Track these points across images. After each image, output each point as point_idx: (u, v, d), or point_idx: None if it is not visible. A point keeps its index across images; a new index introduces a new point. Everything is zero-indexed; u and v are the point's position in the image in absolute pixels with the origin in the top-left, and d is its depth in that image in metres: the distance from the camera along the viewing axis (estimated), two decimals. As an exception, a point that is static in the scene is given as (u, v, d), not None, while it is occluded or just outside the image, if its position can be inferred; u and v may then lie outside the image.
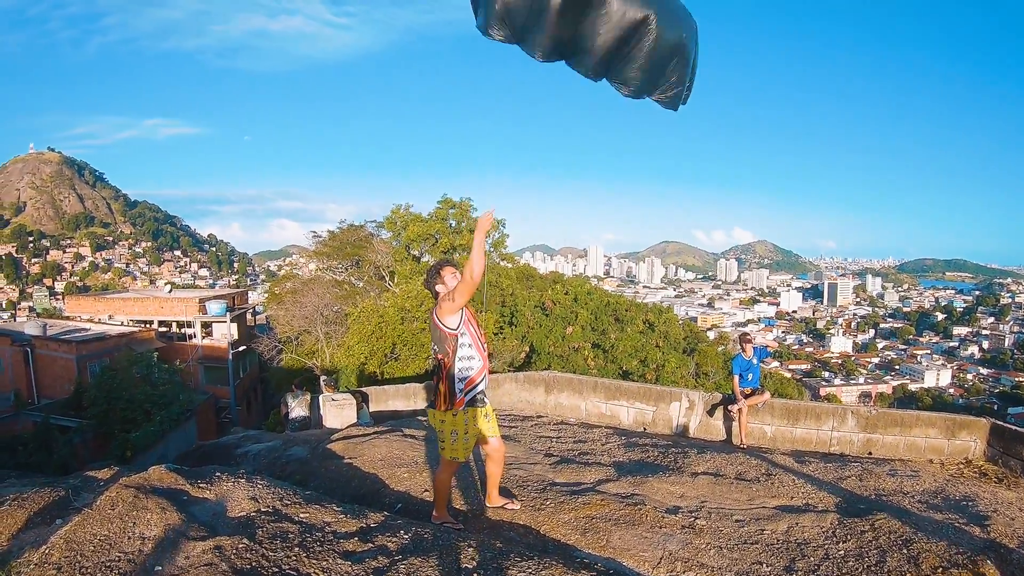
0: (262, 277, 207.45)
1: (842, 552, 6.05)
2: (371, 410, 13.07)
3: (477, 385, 5.85)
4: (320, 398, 13.38)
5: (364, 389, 13.85)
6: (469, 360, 5.83)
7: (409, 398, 13.40)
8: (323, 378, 18.11)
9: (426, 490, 6.78)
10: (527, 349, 28.83)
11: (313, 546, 4.41)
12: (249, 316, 54.09)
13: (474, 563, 4.42)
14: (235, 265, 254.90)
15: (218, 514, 4.88)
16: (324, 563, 4.20)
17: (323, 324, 32.94)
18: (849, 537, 6.36)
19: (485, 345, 6.01)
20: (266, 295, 55.84)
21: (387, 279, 35.15)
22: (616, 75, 4.41)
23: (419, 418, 11.81)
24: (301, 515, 4.95)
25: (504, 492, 6.68)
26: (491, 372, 6.19)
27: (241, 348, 45.00)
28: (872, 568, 5.73)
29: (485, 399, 5.98)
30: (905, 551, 5.99)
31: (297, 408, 14.10)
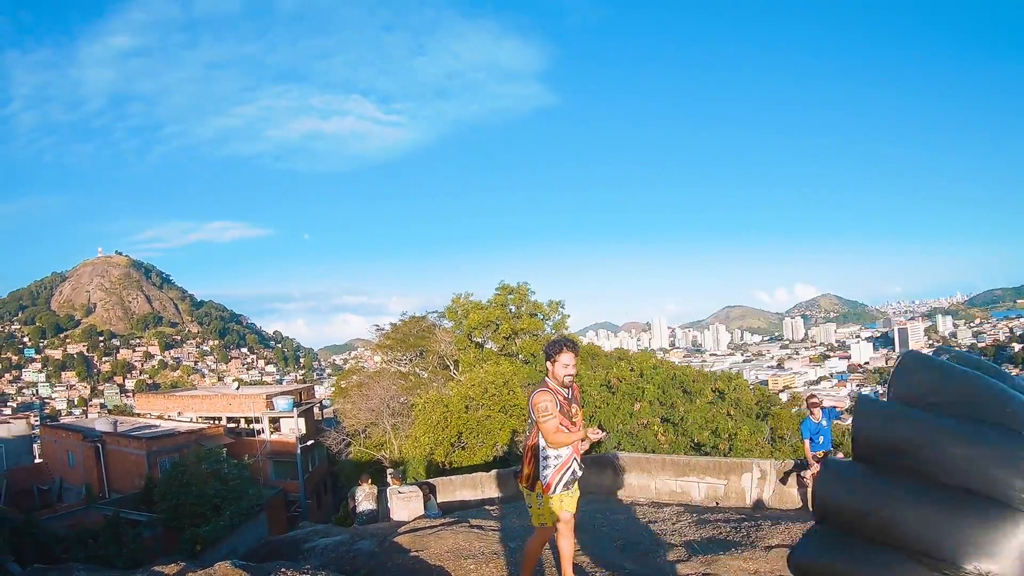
0: (328, 371, 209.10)
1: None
2: (439, 501, 13.02)
3: (564, 473, 5.91)
4: (387, 491, 13.36)
5: (431, 480, 13.83)
6: (558, 448, 5.89)
7: (477, 487, 13.33)
8: (390, 470, 18.10)
9: (493, 581, 6.71)
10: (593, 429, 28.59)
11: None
12: (316, 410, 54.33)
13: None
14: (301, 360, 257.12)
15: (282, 611, 4.88)
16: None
17: (390, 416, 32.99)
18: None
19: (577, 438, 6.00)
20: (332, 389, 56.15)
21: (451, 368, 35.25)
22: None
23: (487, 507, 11.71)
24: (366, 610, 4.93)
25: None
26: None
27: (309, 442, 45.08)
28: None
29: (570, 486, 6.01)
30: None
31: (365, 502, 14.09)
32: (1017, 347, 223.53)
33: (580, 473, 6.07)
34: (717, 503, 12.44)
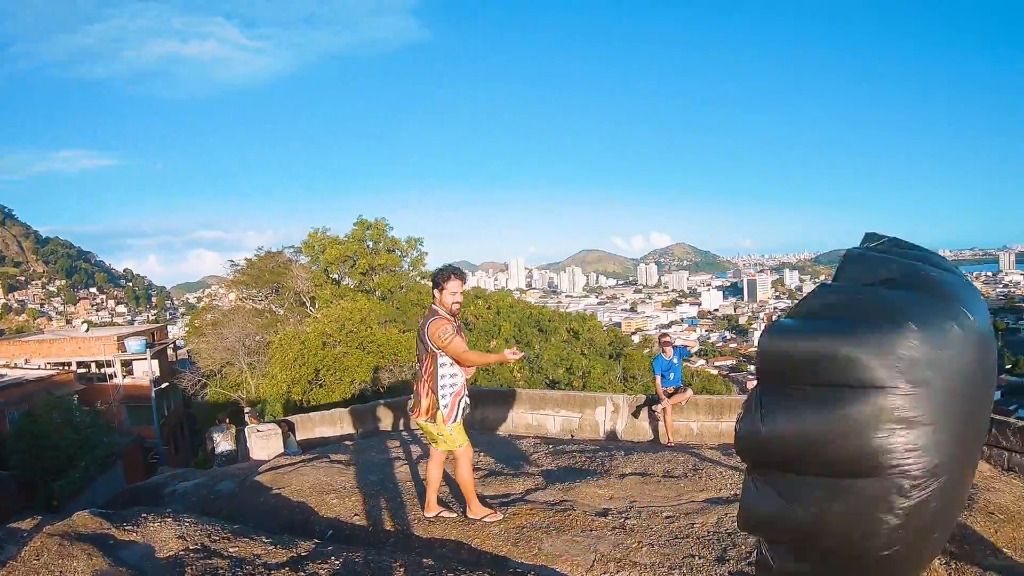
0: (181, 310, 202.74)
1: (773, 537, 6.23)
2: (298, 438, 12.99)
3: (462, 399, 6.13)
4: (246, 430, 13.23)
5: (289, 418, 13.76)
6: (453, 377, 6.06)
7: (336, 424, 13.34)
8: (247, 410, 17.91)
9: (356, 514, 6.78)
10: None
11: (244, 580, 4.41)
12: (170, 351, 52.43)
13: (408, 583, 4.48)
14: (153, 300, 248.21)
15: (146, 556, 4.85)
16: (256, 596, 4.20)
17: (246, 355, 32.46)
18: (777, 521, 6.54)
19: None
20: (187, 328, 54.77)
21: (308, 304, 34.87)
22: None
23: (346, 443, 11.75)
24: (230, 549, 4.94)
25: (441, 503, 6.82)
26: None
27: (164, 385, 43.41)
28: None
29: (462, 416, 6.21)
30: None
31: (223, 443, 13.96)
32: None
33: (468, 401, 6.31)
34: (572, 435, 12.81)
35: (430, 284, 6.54)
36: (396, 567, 4.69)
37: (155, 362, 44.42)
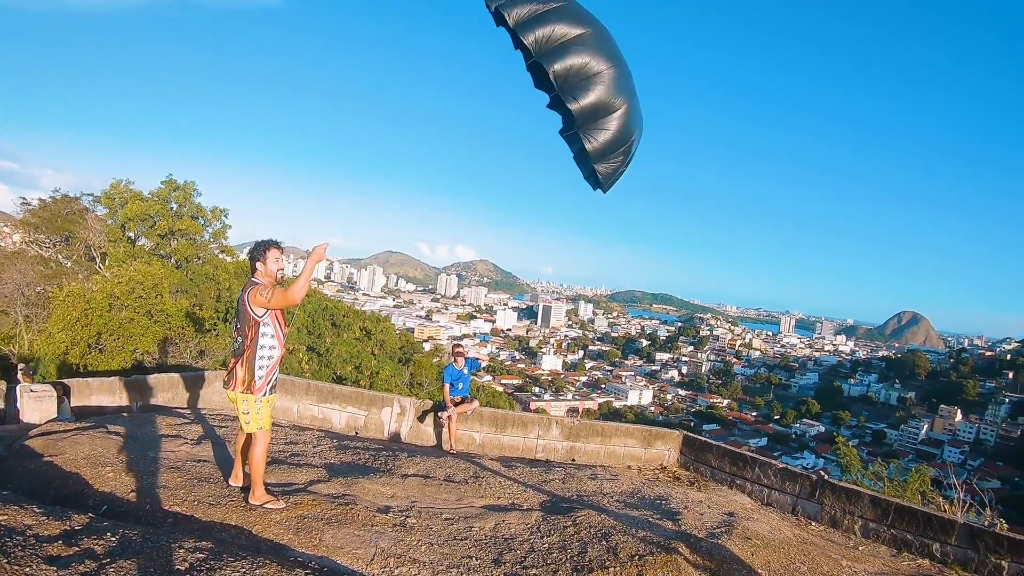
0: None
1: (546, 545, 6.61)
2: (73, 404, 12.41)
3: (275, 373, 6.22)
4: (17, 388, 12.56)
5: (65, 381, 13.13)
6: (271, 349, 6.16)
7: (115, 393, 12.79)
8: (21, 366, 16.93)
9: (132, 491, 6.64)
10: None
11: (14, 551, 4.25)
12: None
13: (186, 564, 4.46)
14: None
15: (-101, 519, 4.62)
16: (27, 569, 4.07)
17: (23, 306, 30.51)
18: (553, 532, 6.95)
19: (285, 335, 6.31)
20: (-39, 267, 51.10)
21: (97, 260, 33.22)
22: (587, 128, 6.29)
23: (124, 415, 11.38)
24: (-1, 518, 4.77)
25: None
26: (201, 370, 6.38)
27: None
28: (574, 558, 6.33)
29: (273, 391, 6.32)
30: (605, 542, 6.69)
31: (-9, 400, 13.21)
32: (645, 342, 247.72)
33: (277, 379, 6.38)
34: (356, 432, 12.88)
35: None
36: (175, 548, 4.67)
37: (-82, 301, 41.07)
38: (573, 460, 13.15)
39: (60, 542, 4.49)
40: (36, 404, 11.52)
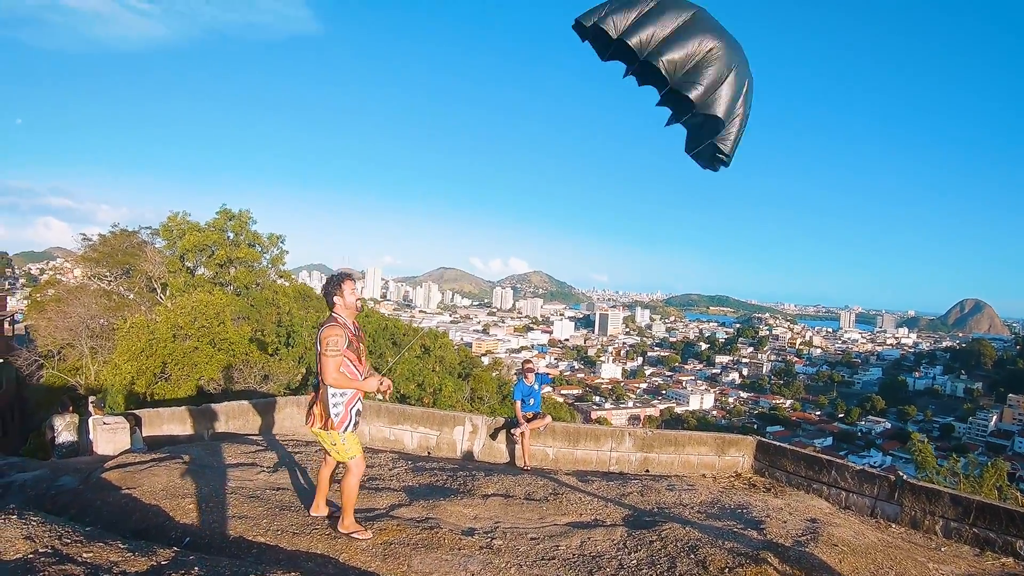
0: (22, 281, 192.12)
1: (635, 561, 6.40)
2: (145, 435, 12.42)
3: (354, 407, 6.06)
4: (90, 421, 12.58)
5: (137, 412, 13.14)
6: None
7: (186, 422, 12.80)
8: (92, 399, 17.05)
9: (215, 521, 6.51)
10: (304, 371, 28.30)
11: (101, 589, 4.13)
12: (7, 325, 49.38)
13: (277, 599, 4.31)
14: None
15: (-10, 557, 4.51)
16: (116, 608, 3.94)
17: (89, 338, 30.92)
18: (639, 547, 6.72)
19: (364, 370, 6.16)
20: (26, 302, 51.95)
21: (158, 291, 33.63)
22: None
23: (197, 444, 11.32)
24: (84, 555, 4.63)
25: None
26: (269, 395, 6.27)
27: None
28: (664, 574, 6.15)
29: (356, 426, 6.15)
30: (693, 556, 6.46)
31: (65, 432, 13.19)
32: (704, 346, 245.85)
33: (361, 409, 6.26)
34: (429, 452, 12.73)
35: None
36: (264, 582, 4.51)
37: (-9, 334, 41.85)
38: (647, 471, 12.88)
39: (147, 578, 4.35)
40: (110, 436, 11.52)
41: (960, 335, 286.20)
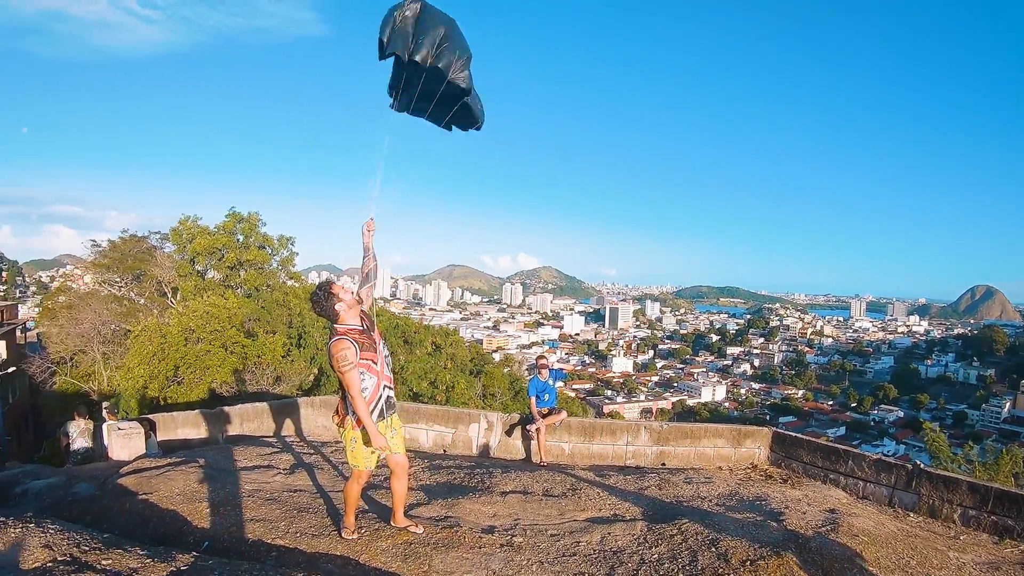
0: (33, 289, 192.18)
1: (656, 556, 6.35)
2: (159, 439, 12.41)
3: (379, 401, 5.96)
4: (104, 427, 12.57)
5: (151, 416, 13.13)
6: (365, 382, 5.87)
7: (200, 426, 12.80)
8: (106, 404, 17.04)
9: (233, 525, 6.48)
10: (316, 372, 28.31)
11: (122, 597, 4.08)
12: (19, 333, 49.12)
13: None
14: (3, 275, 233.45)
15: (8, 567, 4.44)
16: (137, 615, 3.88)
17: (101, 344, 31.01)
18: (660, 542, 6.67)
19: (381, 363, 6.03)
20: (38, 309, 52.07)
21: (169, 296, 33.69)
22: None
23: (212, 447, 11.31)
24: (103, 562, 4.59)
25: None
26: (284, 397, 6.19)
27: (10, 369, 40.46)
28: (686, 568, 6.06)
29: (386, 414, 6.07)
30: (714, 549, 6.38)
31: (80, 439, 13.17)
32: (715, 337, 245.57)
33: (393, 399, 6.16)
34: (444, 450, 12.69)
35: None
36: (285, 585, 4.46)
37: (2, 343, 41.69)
38: (663, 464, 12.81)
39: (168, 585, 4.31)
40: (124, 442, 11.51)
41: (972, 322, 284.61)
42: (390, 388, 6.09)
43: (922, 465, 10.63)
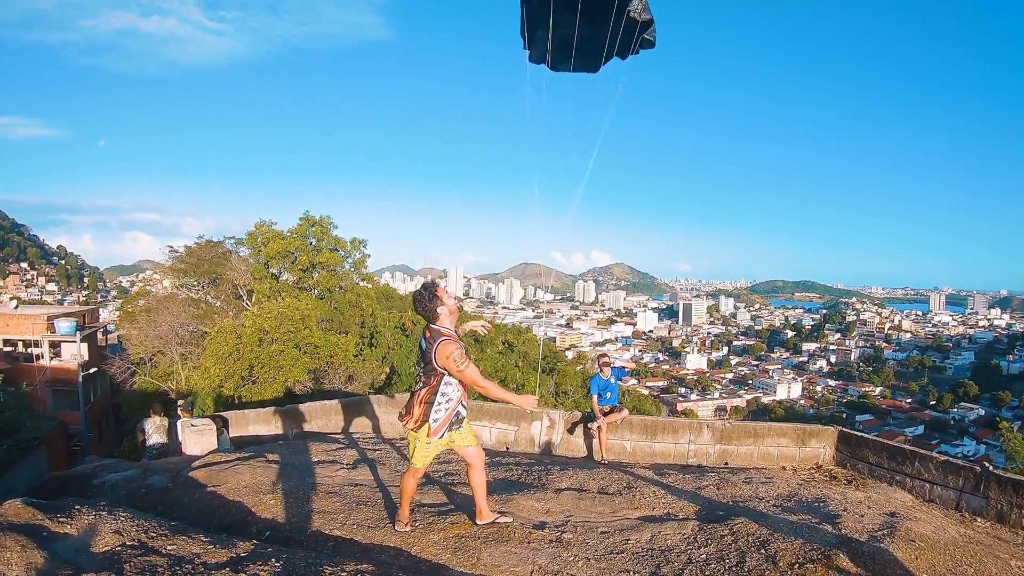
0: (114, 294, 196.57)
1: (704, 556, 6.38)
2: (231, 435, 12.79)
3: (454, 415, 6.12)
4: (178, 424, 13.01)
5: (223, 413, 13.54)
6: (452, 393, 6.07)
7: (270, 422, 13.16)
8: (181, 402, 17.59)
9: (294, 517, 6.75)
10: (387, 370, 28.69)
11: (184, 579, 4.34)
12: (100, 336, 50.67)
13: (349, 589, 4.46)
14: (85, 280, 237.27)
15: (81, 550, 4.75)
16: (196, 596, 4.14)
17: (178, 345, 31.85)
18: (710, 542, 6.70)
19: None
20: (118, 313, 53.49)
21: (245, 298, 34.43)
22: None
23: (280, 443, 11.63)
24: (168, 547, 4.87)
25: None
26: (352, 395, 6.35)
27: (92, 370, 41.95)
28: (733, 569, 6.09)
29: (461, 425, 6.24)
30: (763, 551, 6.37)
31: (155, 435, 13.67)
32: (790, 333, 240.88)
33: (465, 414, 6.27)
34: (507, 448, 12.85)
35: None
36: (337, 571, 4.67)
37: (84, 345, 43.00)
38: (726, 464, 12.78)
39: (227, 569, 4.55)
40: (197, 438, 11.91)
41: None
42: (464, 405, 6.25)
43: (991, 467, 10.42)
